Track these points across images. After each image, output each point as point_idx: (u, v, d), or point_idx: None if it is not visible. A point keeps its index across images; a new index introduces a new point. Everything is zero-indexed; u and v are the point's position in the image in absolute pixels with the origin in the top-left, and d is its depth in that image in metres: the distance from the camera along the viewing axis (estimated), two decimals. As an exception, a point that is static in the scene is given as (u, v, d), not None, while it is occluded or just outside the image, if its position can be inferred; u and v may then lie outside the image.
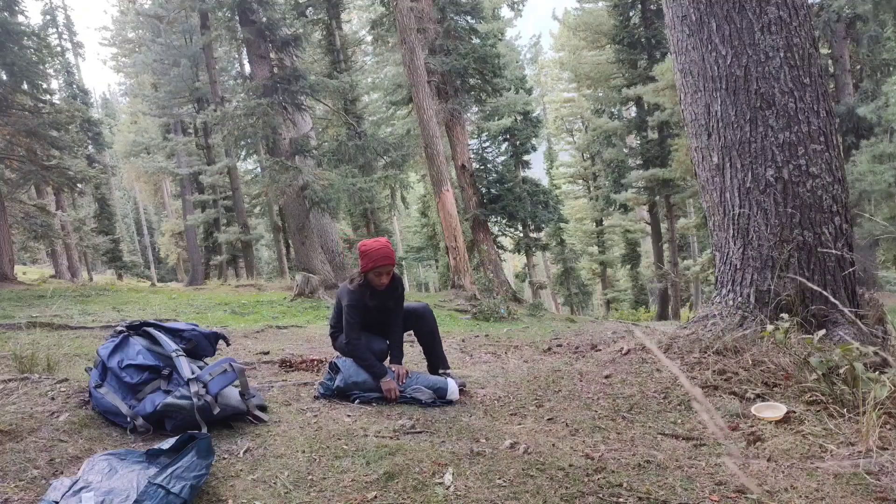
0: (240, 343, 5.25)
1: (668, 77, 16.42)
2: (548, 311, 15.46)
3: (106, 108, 49.56)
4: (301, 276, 10.63)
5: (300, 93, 14.09)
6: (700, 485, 2.20)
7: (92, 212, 28.80)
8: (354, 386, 3.24)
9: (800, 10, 3.79)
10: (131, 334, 2.86)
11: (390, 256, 3.38)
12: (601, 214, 29.90)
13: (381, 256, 3.33)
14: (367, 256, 3.33)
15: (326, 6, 18.48)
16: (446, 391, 3.28)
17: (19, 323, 5.65)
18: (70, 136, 15.63)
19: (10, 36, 13.59)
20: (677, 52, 4.21)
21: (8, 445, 2.31)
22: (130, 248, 38.79)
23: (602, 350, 4.53)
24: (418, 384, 3.30)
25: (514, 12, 24.21)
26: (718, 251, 4.14)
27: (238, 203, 22.83)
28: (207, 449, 2.10)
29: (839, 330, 3.56)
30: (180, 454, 2.04)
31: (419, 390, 3.25)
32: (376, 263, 3.32)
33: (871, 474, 2.19)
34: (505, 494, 2.12)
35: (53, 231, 18.50)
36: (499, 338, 6.02)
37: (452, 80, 17.15)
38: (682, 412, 3.04)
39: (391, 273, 3.44)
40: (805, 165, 3.72)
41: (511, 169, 21.18)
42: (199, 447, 2.07)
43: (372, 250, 3.34)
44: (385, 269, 3.37)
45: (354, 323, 3.36)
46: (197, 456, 2.04)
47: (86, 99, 29.44)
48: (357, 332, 3.36)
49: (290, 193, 13.63)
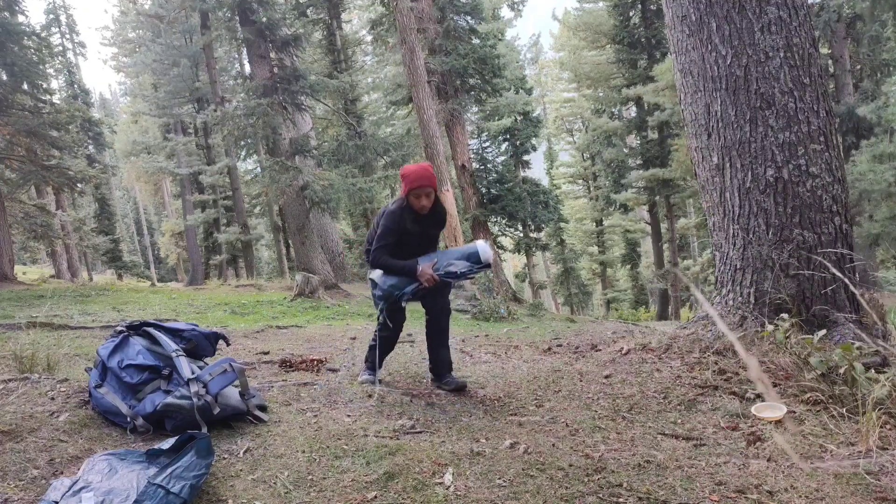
0: (240, 343, 5.25)
1: (668, 77, 16.42)
2: (548, 311, 15.46)
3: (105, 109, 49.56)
4: (301, 276, 10.62)
5: (300, 93, 14.08)
6: (700, 485, 2.20)
7: (92, 212, 28.80)
8: (392, 288, 3.27)
9: (800, 10, 3.79)
10: (131, 334, 2.86)
11: (430, 178, 3.29)
12: (601, 214, 29.88)
13: (419, 177, 3.24)
14: (406, 178, 3.26)
15: (327, 6, 18.48)
16: (478, 255, 3.25)
17: (19, 323, 5.64)
18: (70, 136, 15.63)
19: (11, 36, 13.58)
20: (677, 52, 4.21)
21: (8, 445, 2.31)
22: (130, 248, 38.79)
23: (602, 350, 4.53)
24: (449, 259, 3.26)
25: (514, 12, 24.21)
26: (718, 251, 4.14)
27: (238, 203, 22.83)
28: (207, 448, 2.10)
29: (839, 330, 3.56)
30: (180, 454, 2.05)
31: (452, 264, 3.23)
32: (413, 185, 3.23)
33: (871, 474, 2.19)
34: (505, 494, 2.12)
35: (53, 231, 18.51)
36: (499, 338, 6.02)
37: (452, 80, 17.15)
38: (682, 412, 3.04)
39: (431, 196, 3.32)
40: (805, 165, 3.72)
41: (511, 169, 21.18)
42: (198, 447, 2.07)
43: (411, 172, 3.26)
44: (424, 191, 3.27)
45: (385, 245, 3.32)
46: (196, 455, 2.04)
47: (86, 99, 29.42)
48: (385, 254, 3.32)
49: (290, 193, 13.63)
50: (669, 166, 19.01)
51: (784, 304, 3.68)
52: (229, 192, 24.23)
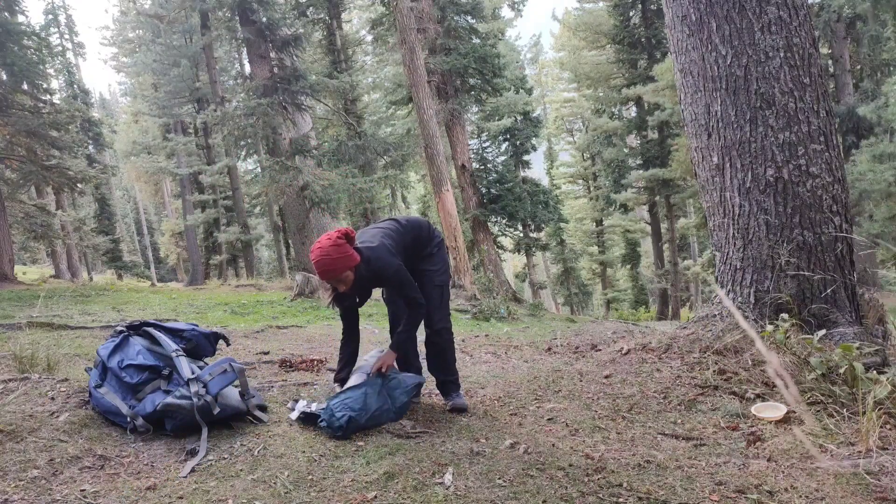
0: (240, 343, 5.24)
1: (668, 77, 16.42)
2: (548, 311, 15.46)
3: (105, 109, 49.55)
4: (301, 276, 10.62)
5: (300, 93, 14.07)
6: (700, 485, 2.20)
7: (92, 212, 28.78)
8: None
9: (800, 10, 3.79)
10: (131, 334, 2.86)
11: (328, 269, 2.68)
12: (601, 214, 29.88)
13: (321, 273, 2.71)
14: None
15: (327, 6, 18.47)
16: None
17: (19, 323, 5.64)
18: (70, 136, 15.61)
19: (11, 36, 13.59)
20: (677, 52, 4.20)
21: (8, 445, 2.31)
22: (130, 248, 38.77)
23: (602, 350, 4.53)
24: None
25: (514, 12, 24.22)
26: (718, 251, 4.14)
27: (238, 203, 22.82)
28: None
29: (839, 330, 3.56)
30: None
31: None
32: (323, 279, 2.76)
33: (871, 474, 2.19)
34: (505, 494, 2.12)
35: (53, 231, 18.49)
36: (499, 338, 6.02)
37: (452, 80, 17.15)
38: (682, 412, 3.04)
39: (348, 279, 2.75)
40: (805, 165, 3.72)
41: (511, 169, 21.17)
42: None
43: (313, 263, 2.71)
44: (330, 283, 2.78)
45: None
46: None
47: (86, 99, 29.39)
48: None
49: (290, 193, 13.63)
50: (669, 166, 19.02)
51: (784, 304, 3.68)
52: (229, 192, 24.22)
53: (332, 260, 2.67)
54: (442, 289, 3.12)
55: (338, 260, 2.67)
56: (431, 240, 3.16)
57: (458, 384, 3.24)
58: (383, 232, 2.98)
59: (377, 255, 2.78)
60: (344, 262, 2.69)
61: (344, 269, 2.70)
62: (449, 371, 3.18)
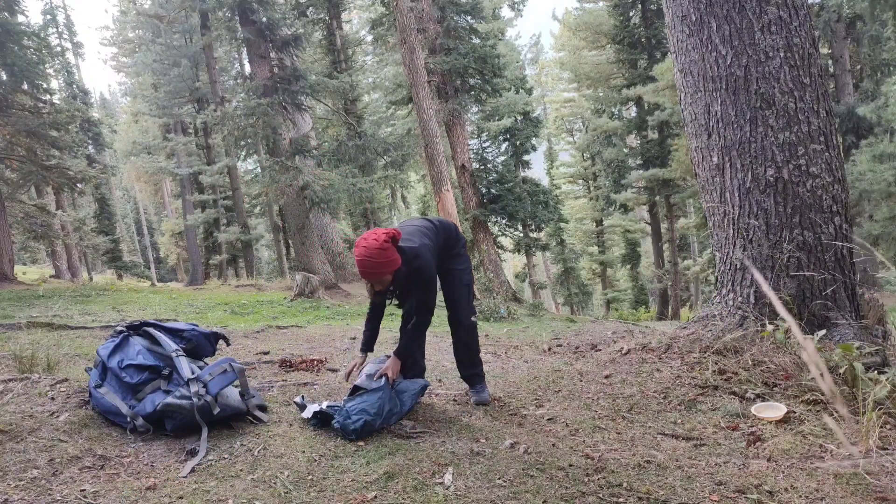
0: (240, 343, 5.24)
1: (668, 77, 16.42)
2: (548, 311, 15.46)
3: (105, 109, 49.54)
4: (301, 276, 10.62)
5: (300, 93, 14.08)
6: (700, 485, 2.20)
7: (92, 212, 28.77)
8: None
9: (800, 10, 3.79)
10: (131, 334, 2.86)
11: (369, 272, 2.71)
12: (601, 214, 29.89)
13: (361, 270, 2.73)
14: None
15: (327, 6, 18.47)
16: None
17: (19, 323, 5.64)
18: (70, 136, 15.61)
19: (10, 36, 13.58)
20: (677, 52, 4.20)
21: (8, 445, 2.31)
22: (130, 248, 38.77)
23: (602, 350, 4.53)
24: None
25: (514, 12, 24.23)
26: (718, 251, 4.14)
27: (238, 203, 22.82)
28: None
29: (839, 330, 3.56)
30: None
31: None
32: (362, 277, 2.81)
33: (871, 474, 2.19)
34: (505, 494, 2.12)
35: (53, 231, 18.49)
36: (499, 338, 6.02)
37: (452, 80, 17.15)
38: (682, 412, 3.04)
39: (385, 281, 2.80)
40: (805, 165, 3.72)
41: (511, 169, 21.17)
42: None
43: (356, 257, 2.74)
44: (370, 281, 2.82)
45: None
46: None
47: (86, 99, 29.38)
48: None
49: (290, 193, 13.63)
50: (669, 166, 19.03)
51: (784, 304, 3.68)
52: (229, 192, 24.22)
53: (376, 263, 2.68)
54: (469, 287, 3.26)
55: (381, 264, 2.69)
56: (458, 240, 3.26)
57: (483, 375, 3.39)
58: (422, 231, 3.02)
59: (418, 253, 2.80)
60: (387, 267, 2.71)
61: (386, 273, 2.73)
62: (475, 364, 3.36)
